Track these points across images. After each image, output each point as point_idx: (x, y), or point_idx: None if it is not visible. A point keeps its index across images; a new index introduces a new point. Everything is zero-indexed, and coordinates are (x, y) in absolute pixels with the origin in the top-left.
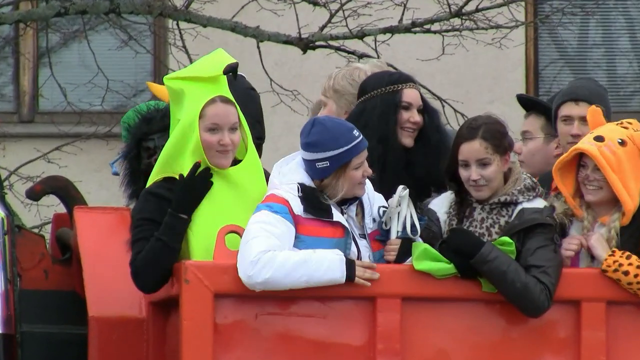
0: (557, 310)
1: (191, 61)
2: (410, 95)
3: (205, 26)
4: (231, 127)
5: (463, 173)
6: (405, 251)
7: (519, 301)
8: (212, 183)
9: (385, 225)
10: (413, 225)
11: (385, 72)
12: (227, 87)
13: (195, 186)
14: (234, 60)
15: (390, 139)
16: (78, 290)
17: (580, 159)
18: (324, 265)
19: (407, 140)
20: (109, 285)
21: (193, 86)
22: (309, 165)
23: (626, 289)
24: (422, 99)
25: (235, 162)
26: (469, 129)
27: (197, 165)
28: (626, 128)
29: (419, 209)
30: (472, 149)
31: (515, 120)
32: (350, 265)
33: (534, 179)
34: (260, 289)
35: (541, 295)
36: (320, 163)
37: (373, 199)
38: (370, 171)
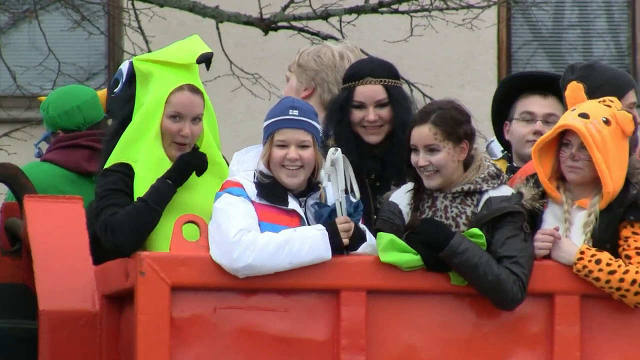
0: (529, 304)
1: (147, 43)
2: (363, 93)
3: (162, 6)
4: (194, 118)
5: (413, 158)
6: (357, 234)
7: (491, 294)
8: (206, 167)
9: (323, 194)
10: (353, 191)
11: (349, 67)
12: (198, 75)
13: (191, 161)
14: (209, 50)
15: (341, 137)
16: (28, 283)
17: (562, 137)
18: (307, 244)
19: (371, 137)
20: (61, 278)
21: (163, 70)
22: None
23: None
24: (389, 92)
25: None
26: (422, 113)
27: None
28: (609, 107)
29: (378, 202)
30: (421, 133)
31: (487, 104)
32: (334, 235)
33: (497, 166)
34: (243, 274)
35: (514, 287)
36: (263, 132)
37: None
38: (292, 157)
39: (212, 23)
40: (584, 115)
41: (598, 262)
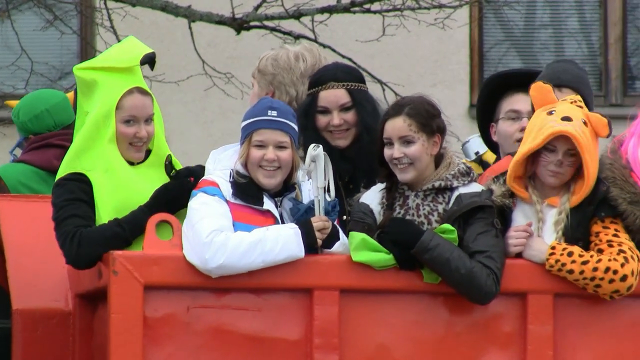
0: (502, 303)
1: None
2: (326, 98)
3: (134, 5)
4: (147, 119)
5: (387, 152)
6: (332, 233)
7: (465, 288)
8: (189, 196)
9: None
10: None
11: (314, 73)
12: (142, 77)
13: (175, 191)
14: (149, 50)
15: (308, 143)
16: (1, 283)
17: (547, 143)
18: (280, 243)
19: (339, 142)
20: (34, 277)
21: (107, 77)
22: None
23: (574, 283)
24: (352, 95)
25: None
26: (395, 106)
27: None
28: (581, 107)
29: (348, 205)
30: (395, 125)
31: (459, 104)
32: (308, 233)
33: (467, 164)
34: (217, 274)
35: (488, 280)
36: (241, 132)
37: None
38: (270, 158)
39: (184, 22)
40: (568, 119)
41: (570, 254)
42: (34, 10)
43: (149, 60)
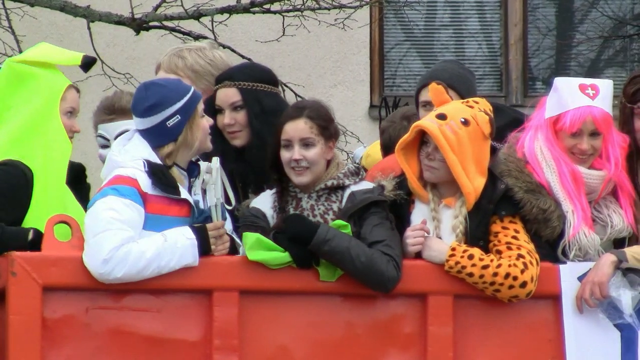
0: (402, 304)
1: (18, 42)
2: (219, 97)
3: (32, 5)
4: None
5: (285, 154)
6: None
7: (367, 276)
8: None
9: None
10: (228, 199)
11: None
12: None
13: (11, 238)
14: (80, 53)
15: (215, 141)
16: None
17: (423, 136)
18: (177, 254)
19: (234, 141)
20: None
21: (47, 72)
22: (158, 130)
23: (473, 286)
24: (243, 94)
25: None
26: (295, 109)
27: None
28: (471, 107)
29: (236, 210)
30: (296, 127)
31: (359, 104)
32: (202, 241)
33: (356, 164)
34: (110, 282)
35: (389, 265)
36: (171, 120)
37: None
38: (212, 120)
39: (83, 23)
40: (442, 117)
41: (470, 257)
42: None
43: (91, 61)
